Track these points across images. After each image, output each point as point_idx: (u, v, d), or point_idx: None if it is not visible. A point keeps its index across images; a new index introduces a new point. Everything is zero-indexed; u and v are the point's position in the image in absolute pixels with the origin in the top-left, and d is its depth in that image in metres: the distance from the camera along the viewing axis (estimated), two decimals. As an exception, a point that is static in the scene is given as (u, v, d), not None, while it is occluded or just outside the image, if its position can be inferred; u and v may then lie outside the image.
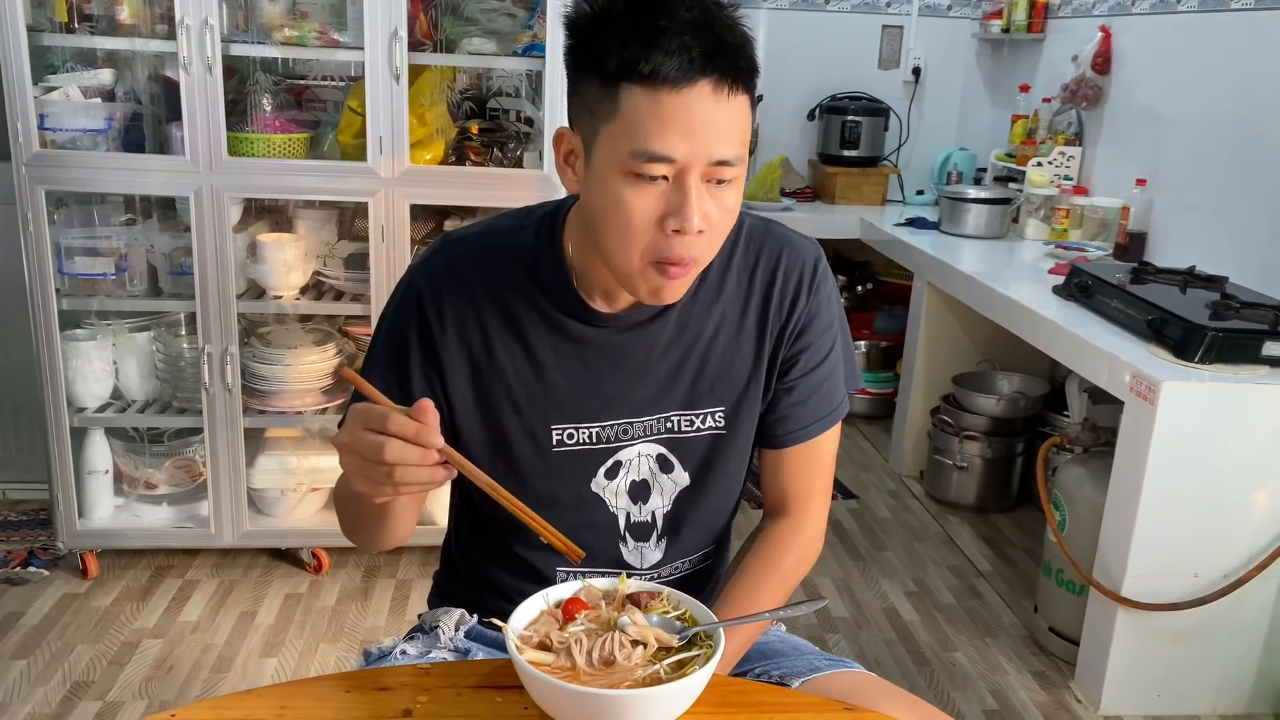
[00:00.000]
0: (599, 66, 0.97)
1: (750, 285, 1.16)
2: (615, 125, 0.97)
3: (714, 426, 1.18)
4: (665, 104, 0.94)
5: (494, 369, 1.12)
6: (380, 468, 0.88)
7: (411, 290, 1.13)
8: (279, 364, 2.63)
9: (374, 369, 1.14)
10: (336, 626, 2.54)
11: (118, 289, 2.59)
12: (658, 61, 0.93)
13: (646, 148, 0.95)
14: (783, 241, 1.18)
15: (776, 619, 1.16)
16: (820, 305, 1.18)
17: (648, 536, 1.21)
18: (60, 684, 2.27)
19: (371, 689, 1.00)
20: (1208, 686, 2.32)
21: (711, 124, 0.95)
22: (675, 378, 1.15)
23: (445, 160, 2.61)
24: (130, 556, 2.79)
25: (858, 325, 4.22)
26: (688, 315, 1.14)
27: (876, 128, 4.14)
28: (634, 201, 0.97)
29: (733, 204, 1.01)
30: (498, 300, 1.11)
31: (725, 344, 1.16)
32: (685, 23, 0.94)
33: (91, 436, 2.67)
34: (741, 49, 0.98)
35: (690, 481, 1.19)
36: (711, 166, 0.97)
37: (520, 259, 1.12)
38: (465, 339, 1.12)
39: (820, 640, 2.58)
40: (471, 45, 2.52)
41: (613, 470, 1.17)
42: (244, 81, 2.58)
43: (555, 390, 1.13)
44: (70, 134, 2.46)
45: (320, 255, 2.72)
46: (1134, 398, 2.19)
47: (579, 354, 1.13)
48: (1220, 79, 2.86)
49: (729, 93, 0.96)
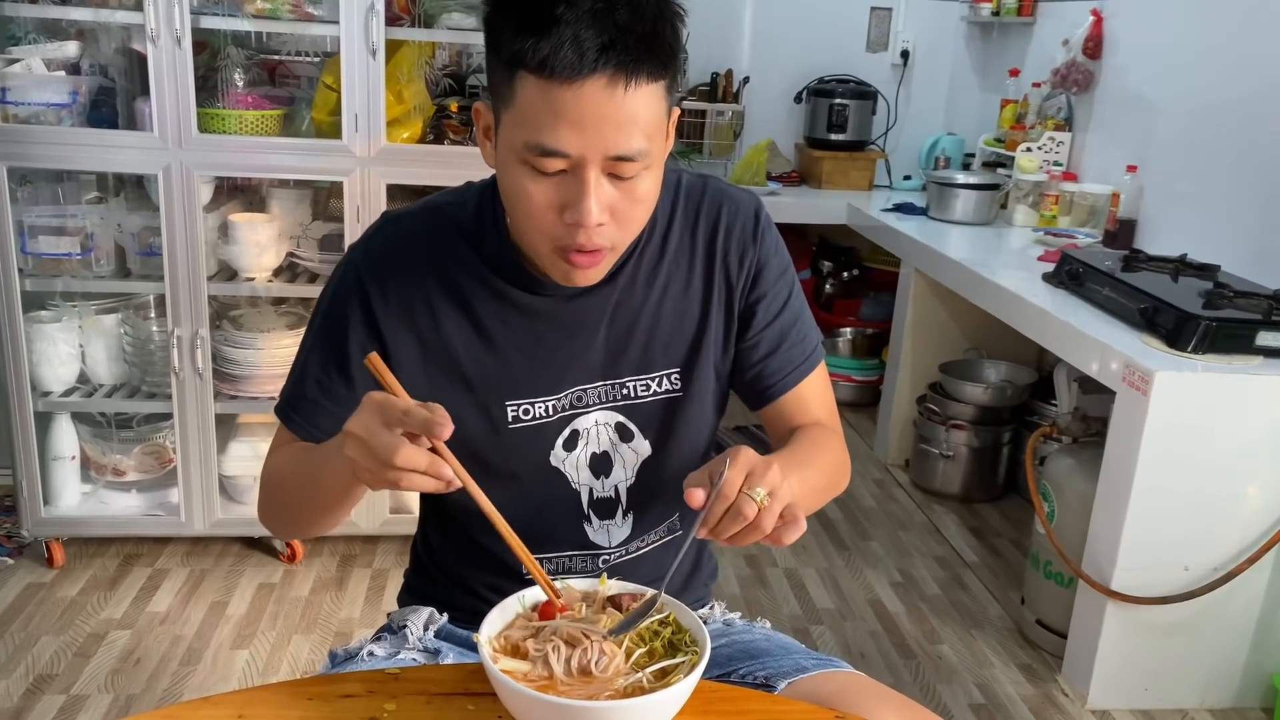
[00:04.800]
0: (498, 50, 0.94)
1: (693, 242, 1.14)
2: (513, 113, 0.94)
3: (669, 389, 1.15)
4: (557, 97, 0.90)
5: (443, 348, 1.10)
6: (389, 472, 0.85)
7: (351, 270, 1.10)
8: (251, 348, 2.56)
9: (311, 351, 1.11)
10: (310, 617, 2.48)
11: (84, 269, 2.51)
12: (547, 52, 0.89)
13: (539, 141, 0.93)
14: (721, 196, 1.15)
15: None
16: (769, 253, 1.16)
17: (612, 513, 1.17)
18: (23, 676, 2.21)
19: (336, 696, 0.94)
20: (1196, 680, 2.29)
21: (607, 119, 0.91)
22: (626, 342, 1.13)
23: (423, 139, 2.55)
24: (98, 545, 2.72)
25: (843, 311, 4.18)
26: (634, 278, 1.12)
27: (864, 111, 4.09)
28: (533, 190, 0.96)
29: (644, 192, 0.98)
30: (443, 276, 1.09)
31: (673, 304, 1.13)
32: (584, 10, 0.89)
33: (57, 421, 2.60)
34: (651, 34, 0.91)
35: (652, 450, 1.16)
36: (611, 161, 0.94)
37: (462, 232, 1.10)
38: (412, 318, 1.09)
39: (804, 633, 2.53)
40: (451, 20, 2.46)
41: (570, 441, 1.14)
42: (215, 56, 2.50)
43: (508, 365, 1.10)
44: (33, 108, 2.37)
45: (294, 236, 2.65)
46: (1126, 387, 2.15)
47: (529, 325, 1.10)
48: (1212, 64, 2.81)
49: (629, 85, 0.91)
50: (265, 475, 1.14)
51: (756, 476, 0.89)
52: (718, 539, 0.90)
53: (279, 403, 1.14)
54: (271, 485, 1.13)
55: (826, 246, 4.28)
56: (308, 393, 1.11)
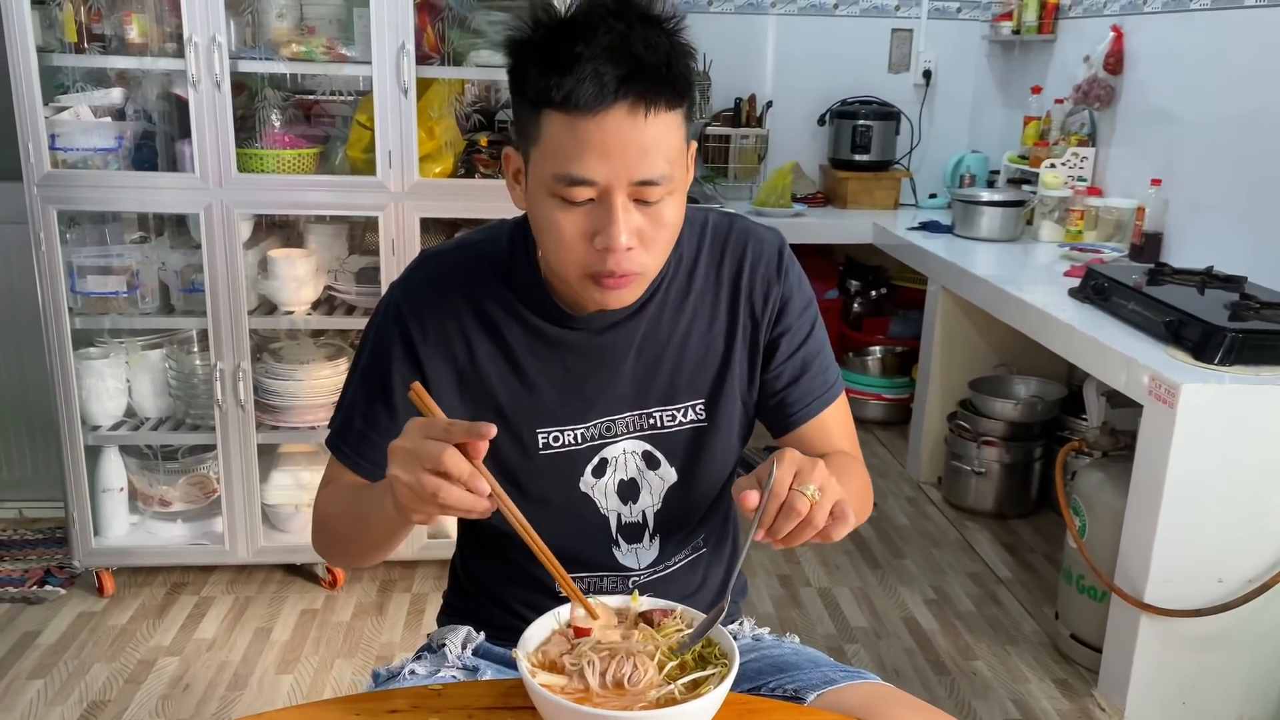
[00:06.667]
0: (523, 92, 1.01)
1: (719, 278, 1.18)
2: (541, 149, 1.00)
3: (695, 419, 1.19)
4: (581, 129, 0.97)
5: (478, 377, 1.15)
6: (429, 480, 0.88)
7: (391, 306, 1.16)
8: (291, 379, 2.63)
9: (357, 386, 1.17)
10: (352, 642, 2.53)
11: (130, 307, 2.59)
12: (570, 88, 0.95)
13: (567, 171, 0.98)
14: (746, 235, 1.20)
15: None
16: (792, 289, 1.20)
17: (640, 537, 1.21)
18: (77, 703, 2.27)
19: (382, 711, 0.98)
20: (1234, 693, 2.28)
21: (630, 146, 0.97)
22: (653, 373, 1.17)
23: (454, 173, 2.61)
24: (146, 574, 2.79)
25: (872, 330, 4.19)
26: (661, 312, 1.16)
27: (888, 131, 4.12)
28: (563, 221, 1.01)
29: (670, 217, 1.03)
30: (477, 309, 1.14)
31: (699, 337, 1.18)
32: (601, 48, 0.95)
33: (106, 454, 2.68)
34: (666, 67, 0.97)
35: (678, 477, 1.20)
36: (636, 186, 0.99)
37: (495, 267, 1.15)
38: (449, 349, 1.14)
39: (839, 651, 2.55)
40: (479, 57, 2.52)
41: (599, 468, 1.18)
42: (253, 98, 2.59)
43: (539, 394, 1.15)
44: (81, 153, 2.47)
45: (331, 270, 2.72)
46: (1153, 401, 2.16)
47: (559, 357, 1.15)
48: (1234, 77, 2.82)
49: (649, 112, 0.97)
50: (316, 510, 1.19)
51: (805, 474, 0.93)
52: (774, 539, 0.93)
53: (329, 436, 1.20)
54: (322, 520, 1.18)
55: (853, 266, 4.31)
56: (355, 425, 1.16)
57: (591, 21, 0.97)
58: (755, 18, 4.12)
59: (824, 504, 0.92)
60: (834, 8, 4.19)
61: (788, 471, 0.93)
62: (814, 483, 0.92)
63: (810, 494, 0.91)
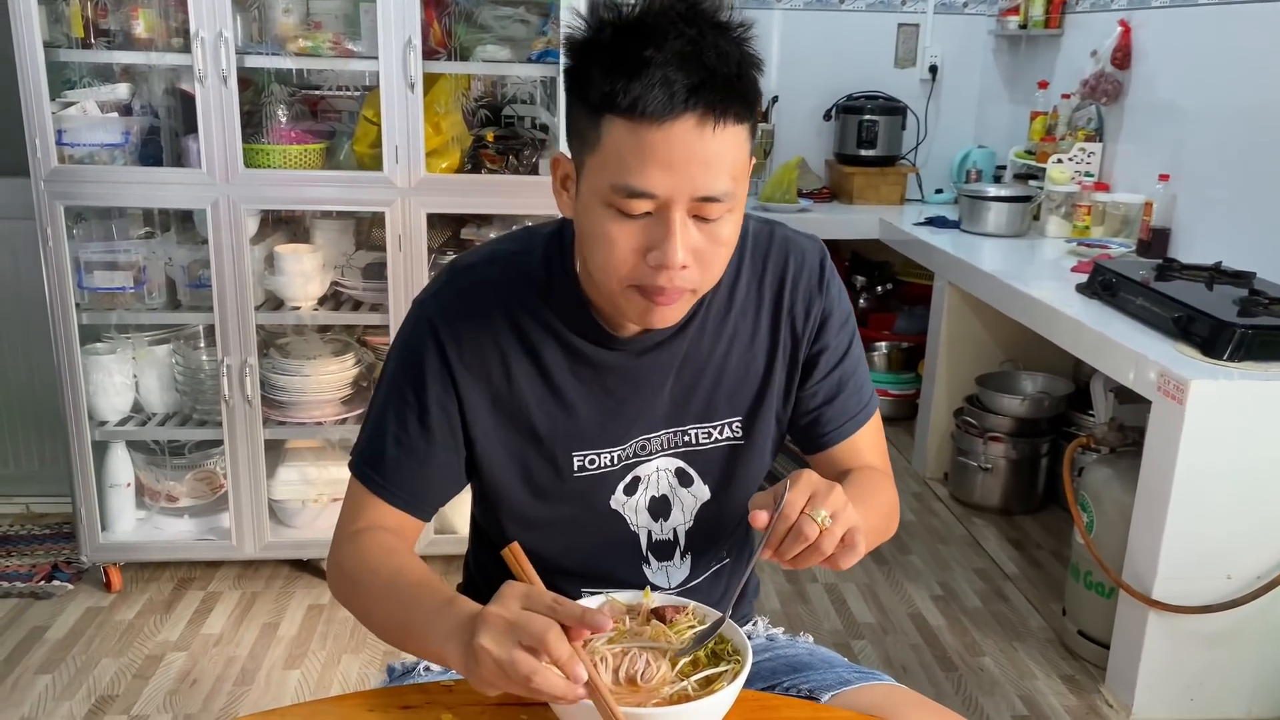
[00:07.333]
0: (585, 95, 0.95)
1: (760, 293, 1.14)
2: (599, 156, 0.94)
3: (731, 437, 1.16)
4: (646, 138, 0.91)
5: (514, 397, 1.10)
6: (525, 661, 0.81)
7: (424, 322, 1.09)
8: (298, 375, 2.63)
9: (386, 406, 1.10)
10: (360, 637, 2.53)
11: (137, 302, 2.59)
12: (638, 94, 0.90)
13: (626, 182, 0.92)
14: (787, 245, 1.16)
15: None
16: (833, 304, 1.16)
17: (670, 555, 1.19)
18: (85, 698, 2.28)
19: (396, 707, 0.98)
20: (1242, 690, 2.28)
21: (695, 159, 0.92)
22: (691, 392, 1.13)
23: (461, 168, 2.61)
24: (153, 569, 2.80)
25: (878, 326, 4.18)
26: (703, 330, 1.12)
27: (894, 127, 4.11)
28: (616, 233, 0.95)
29: (727, 235, 0.98)
30: (514, 326, 1.09)
31: (740, 354, 1.14)
32: (672, 54, 0.90)
33: (113, 450, 2.68)
34: (737, 78, 0.92)
35: (711, 495, 1.17)
36: (697, 202, 0.94)
37: (532, 284, 1.09)
38: (484, 368, 1.09)
39: (846, 647, 2.55)
40: (485, 52, 2.52)
41: (631, 486, 1.15)
42: (259, 93, 2.58)
43: (576, 418, 1.11)
44: (88, 149, 2.47)
45: (338, 265, 2.72)
46: (1162, 397, 2.16)
47: (599, 379, 1.10)
48: (1242, 71, 2.81)
49: (717, 126, 0.91)
50: (346, 564, 1.07)
51: (819, 498, 0.91)
52: (781, 560, 0.92)
53: (354, 460, 1.12)
54: (352, 583, 1.06)
55: (859, 261, 4.30)
56: (387, 451, 1.09)
57: (661, 25, 0.91)
58: (760, 12, 4.11)
59: (834, 531, 0.90)
60: (840, 2, 4.18)
61: (801, 495, 0.91)
62: (827, 508, 0.90)
63: (821, 520, 0.89)
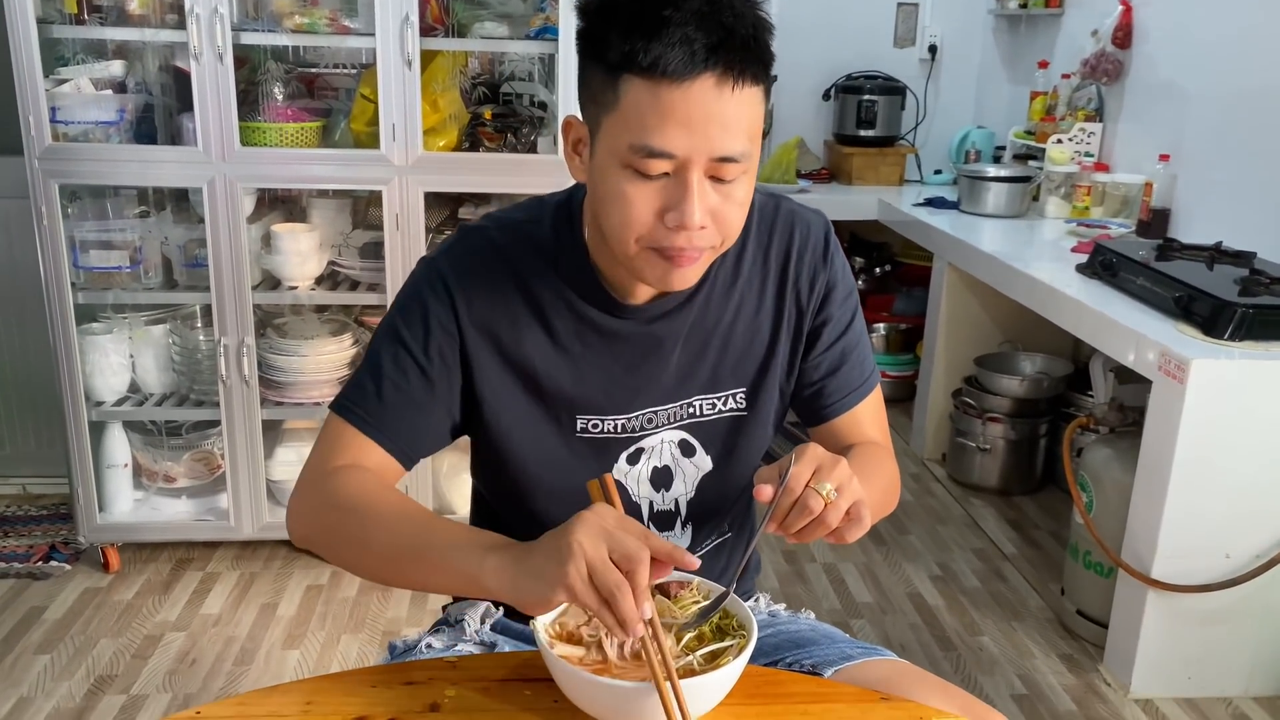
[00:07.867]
0: (602, 56, 0.95)
1: (766, 265, 1.15)
2: (616, 117, 0.95)
3: (735, 408, 1.17)
4: (665, 98, 0.91)
5: (521, 360, 1.10)
6: (612, 574, 0.82)
7: (435, 274, 1.09)
8: (295, 355, 2.62)
9: (388, 354, 1.08)
10: (358, 618, 2.53)
11: (133, 282, 2.58)
12: (658, 53, 0.90)
13: (645, 142, 0.93)
14: (793, 218, 1.17)
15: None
16: (837, 276, 1.18)
17: (672, 525, 1.19)
18: (84, 678, 2.27)
19: (398, 683, 0.98)
20: (1240, 668, 2.28)
21: (714, 119, 0.92)
22: (698, 362, 1.14)
23: (459, 146, 2.59)
24: (151, 550, 2.79)
25: (877, 307, 4.18)
26: (709, 300, 1.13)
27: (893, 107, 4.09)
28: (634, 194, 0.96)
29: (743, 196, 0.99)
30: (524, 290, 1.09)
31: (745, 325, 1.15)
32: (691, 13, 0.91)
33: (110, 430, 2.67)
34: (752, 39, 0.93)
35: (713, 465, 1.18)
36: (715, 163, 0.94)
37: (542, 252, 1.10)
38: (493, 327, 1.09)
39: (845, 626, 2.55)
40: (483, 29, 2.49)
41: (634, 456, 1.16)
42: (255, 70, 2.56)
43: (583, 384, 1.11)
44: (82, 126, 2.44)
45: (335, 245, 2.71)
46: (1162, 376, 2.15)
47: (608, 347, 1.11)
48: (1244, 51, 2.80)
49: (735, 86, 0.92)
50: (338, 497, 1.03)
51: (824, 472, 0.91)
52: (786, 534, 0.92)
53: (341, 401, 1.09)
54: (344, 511, 1.02)
55: (858, 242, 4.29)
56: (385, 394, 1.07)
57: None
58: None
59: (839, 504, 0.90)
60: (839, -19, 4.15)
61: (806, 468, 0.91)
62: (832, 482, 0.90)
63: (826, 493, 0.90)
